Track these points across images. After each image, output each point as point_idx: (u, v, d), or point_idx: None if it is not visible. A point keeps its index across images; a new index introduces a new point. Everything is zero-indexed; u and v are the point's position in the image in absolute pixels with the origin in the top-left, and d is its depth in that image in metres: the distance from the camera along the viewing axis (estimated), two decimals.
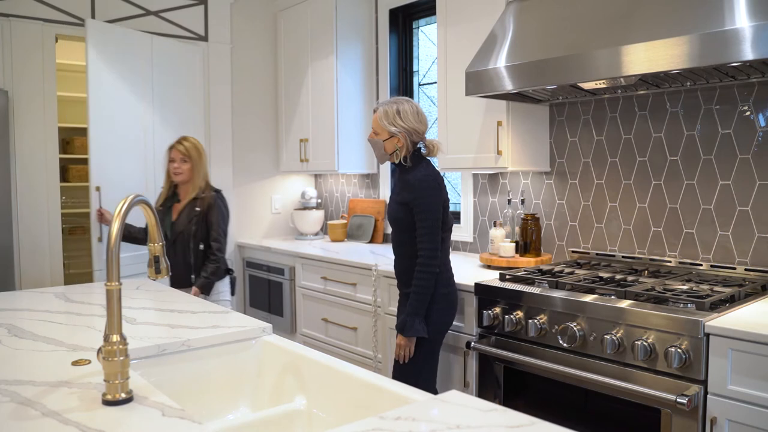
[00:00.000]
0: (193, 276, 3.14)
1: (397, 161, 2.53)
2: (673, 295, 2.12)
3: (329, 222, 4.32)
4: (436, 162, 3.02)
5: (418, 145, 2.54)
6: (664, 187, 2.72)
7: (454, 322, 2.65)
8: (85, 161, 5.74)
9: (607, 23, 2.27)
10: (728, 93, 2.50)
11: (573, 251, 3.06)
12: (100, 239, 3.64)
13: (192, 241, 3.12)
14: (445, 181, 3.90)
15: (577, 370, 2.18)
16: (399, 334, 2.46)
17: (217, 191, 3.22)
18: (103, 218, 3.40)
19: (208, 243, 3.14)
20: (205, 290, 3.11)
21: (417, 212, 2.41)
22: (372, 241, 4.18)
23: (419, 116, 2.51)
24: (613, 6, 2.30)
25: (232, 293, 3.32)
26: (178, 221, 3.15)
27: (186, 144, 3.18)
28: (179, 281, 3.14)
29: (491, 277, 2.68)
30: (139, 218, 3.34)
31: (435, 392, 2.55)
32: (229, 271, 3.29)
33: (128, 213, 1.27)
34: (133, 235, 3.27)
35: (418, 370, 2.48)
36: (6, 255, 3.60)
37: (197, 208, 3.12)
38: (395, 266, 2.60)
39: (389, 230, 4.15)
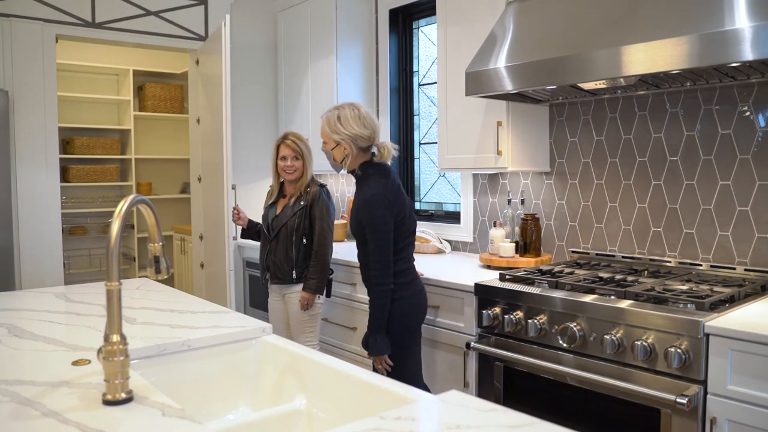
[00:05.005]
0: (294, 272, 3.05)
1: (348, 171, 2.48)
2: (672, 295, 2.12)
3: None
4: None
5: (371, 150, 2.48)
6: (663, 187, 2.72)
7: (454, 323, 2.65)
8: (85, 161, 5.76)
9: (607, 23, 2.27)
10: (728, 93, 2.50)
11: (573, 251, 3.06)
12: (235, 238, 3.72)
13: (294, 235, 3.03)
14: (445, 182, 3.93)
15: (577, 370, 2.18)
16: (367, 351, 2.47)
17: (322, 186, 3.14)
18: (240, 218, 3.26)
19: (310, 237, 3.06)
20: (319, 291, 3.03)
21: (367, 231, 2.39)
22: None
23: (361, 120, 2.43)
24: (613, 6, 2.30)
25: (328, 295, 3.16)
26: (281, 215, 3.08)
27: (295, 140, 3.09)
28: (280, 276, 3.07)
29: (491, 277, 2.68)
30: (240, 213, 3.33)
31: (424, 386, 2.55)
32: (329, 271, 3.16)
33: (128, 213, 1.27)
34: (254, 231, 3.28)
35: (398, 372, 2.47)
36: (6, 255, 3.60)
37: (302, 202, 3.05)
38: (362, 275, 2.57)
39: None
